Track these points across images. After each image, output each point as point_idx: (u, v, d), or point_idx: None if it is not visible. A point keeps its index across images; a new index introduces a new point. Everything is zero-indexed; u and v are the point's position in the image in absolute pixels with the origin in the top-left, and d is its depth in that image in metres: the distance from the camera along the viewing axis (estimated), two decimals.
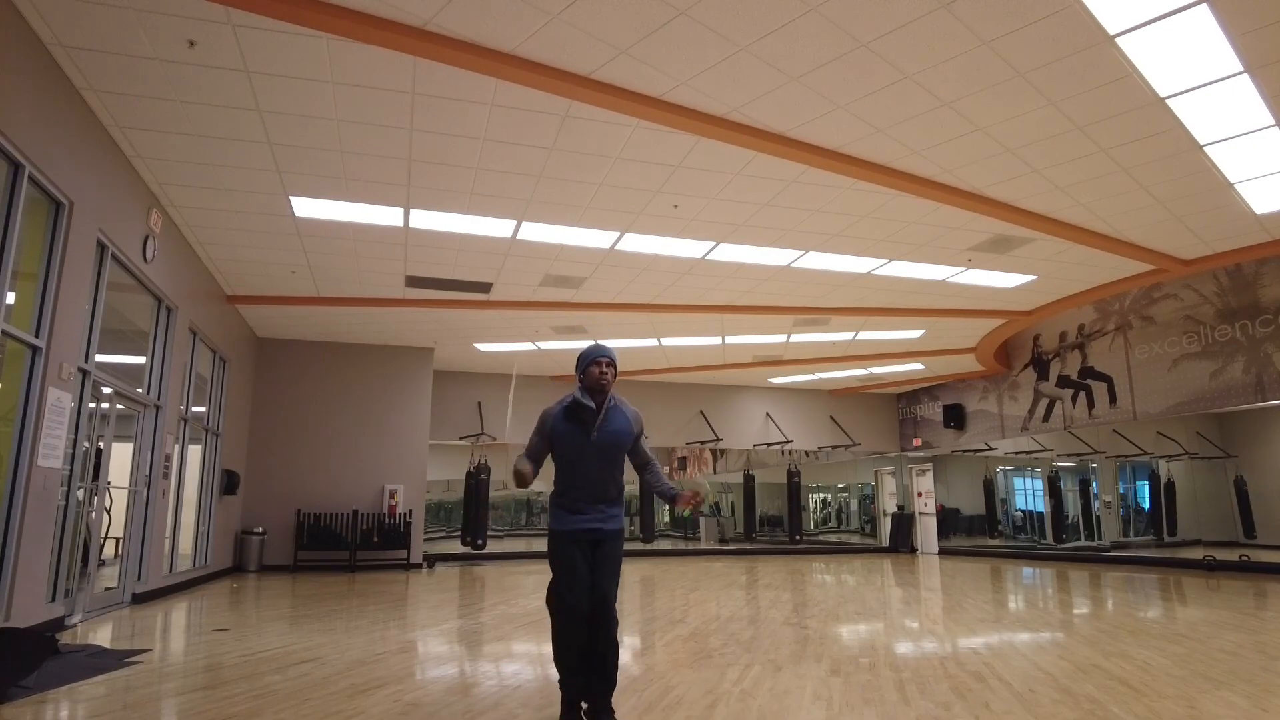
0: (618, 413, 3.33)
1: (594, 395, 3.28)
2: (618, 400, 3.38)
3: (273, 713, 3.41)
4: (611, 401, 3.33)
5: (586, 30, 4.64)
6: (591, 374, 3.28)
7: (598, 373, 3.27)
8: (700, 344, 12.81)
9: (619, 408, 3.35)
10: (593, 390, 3.28)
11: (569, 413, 3.28)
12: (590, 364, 3.30)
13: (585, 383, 3.30)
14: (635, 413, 3.41)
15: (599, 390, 3.28)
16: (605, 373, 3.28)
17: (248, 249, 8.30)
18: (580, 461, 3.27)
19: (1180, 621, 6.14)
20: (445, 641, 5.41)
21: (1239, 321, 10.52)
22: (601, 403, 3.29)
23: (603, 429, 3.27)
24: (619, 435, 3.31)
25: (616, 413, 3.33)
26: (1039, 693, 3.74)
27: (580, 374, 3.34)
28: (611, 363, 3.32)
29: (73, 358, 5.55)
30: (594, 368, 3.28)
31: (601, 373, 3.27)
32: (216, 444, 10.15)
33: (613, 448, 3.30)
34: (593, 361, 3.29)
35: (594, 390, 3.28)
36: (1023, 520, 15.63)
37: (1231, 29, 4.69)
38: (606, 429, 3.28)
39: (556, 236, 7.90)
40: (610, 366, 3.31)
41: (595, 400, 3.28)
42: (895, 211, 7.38)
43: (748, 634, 5.58)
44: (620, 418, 3.33)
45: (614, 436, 3.29)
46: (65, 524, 5.85)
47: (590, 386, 3.28)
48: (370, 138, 5.91)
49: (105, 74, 5.12)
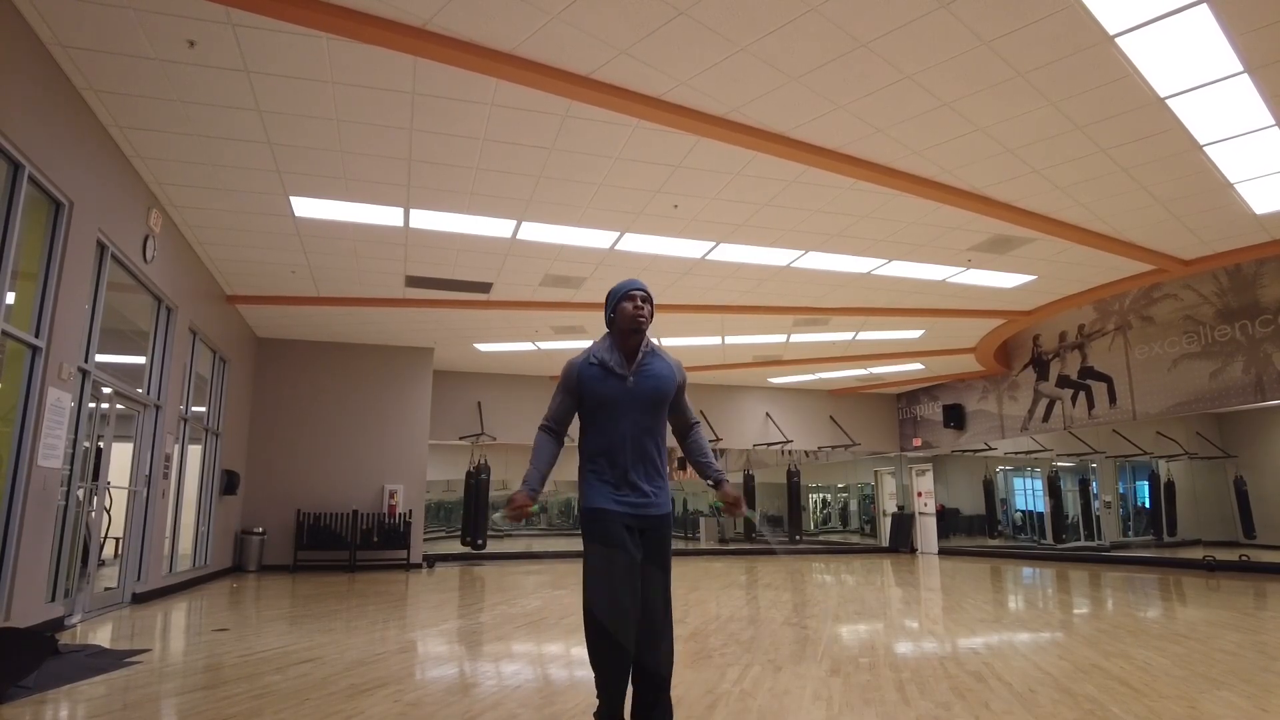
0: (656, 359, 2.86)
1: (629, 338, 2.81)
2: (655, 346, 2.91)
3: (273, 713, 3.41)
4: (648, 346, 2.86)
5: (586, 30, 4.64)
6: (625, 311, 2.79)
7: (632, 309, 2.78)
8: (700, 344, 12.81)
9: (657, 353, 2.88)
10: (627, 332, 2.80)
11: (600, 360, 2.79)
12: (623, 299, 2.81)
13: (618, 322, 2.81)
14: (676, 361, 2.93)
15: (635, 330, 2.79)
16: (641, 309, 2.80)
17: (248, 249, 8.30)
18: (616, 417, 2.75)
19: (1180, 621, 6.14)
20: (445, 641, 5.41)
21: (1239, 321, 10.52)
22: (638, 344, 2.82)
23: (641, 374, 2.78)
24: (661, 382, 2.81)
25: (655, 359, 2.85)
26: (1039, 693, 3.74)
27: (611, 312, 2.85)
28: (648, 298, 2.84)
29: (73, 358, 5.55)
30: (627, 303, 2.79)
31: (637, 308, 2.79)
32: (216, 444, 10.15)
33: (655, 396, 2.79)
34: (625, 295, 2.81)
35: (629, 331, 2.79)
36: (1022, 520, 15.63)
37: (1231, 29, 4.69)
38: (646, 373, 2.79)
39: (556, 236, 7.90)
40: (646, 302, 2.83)
41: (630, 343, 2.81)
42: (895, 211, 7.39)
43: (747, 634, 5.58)
44: (660, 363, 2.85)
45: (655, 382, 2.80)
46: (65, 524, 5.85)
47: (625, 327, 2.79)
48: (370, 138, 5.91)
49: (105, 74, 5.12)
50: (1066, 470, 14.46)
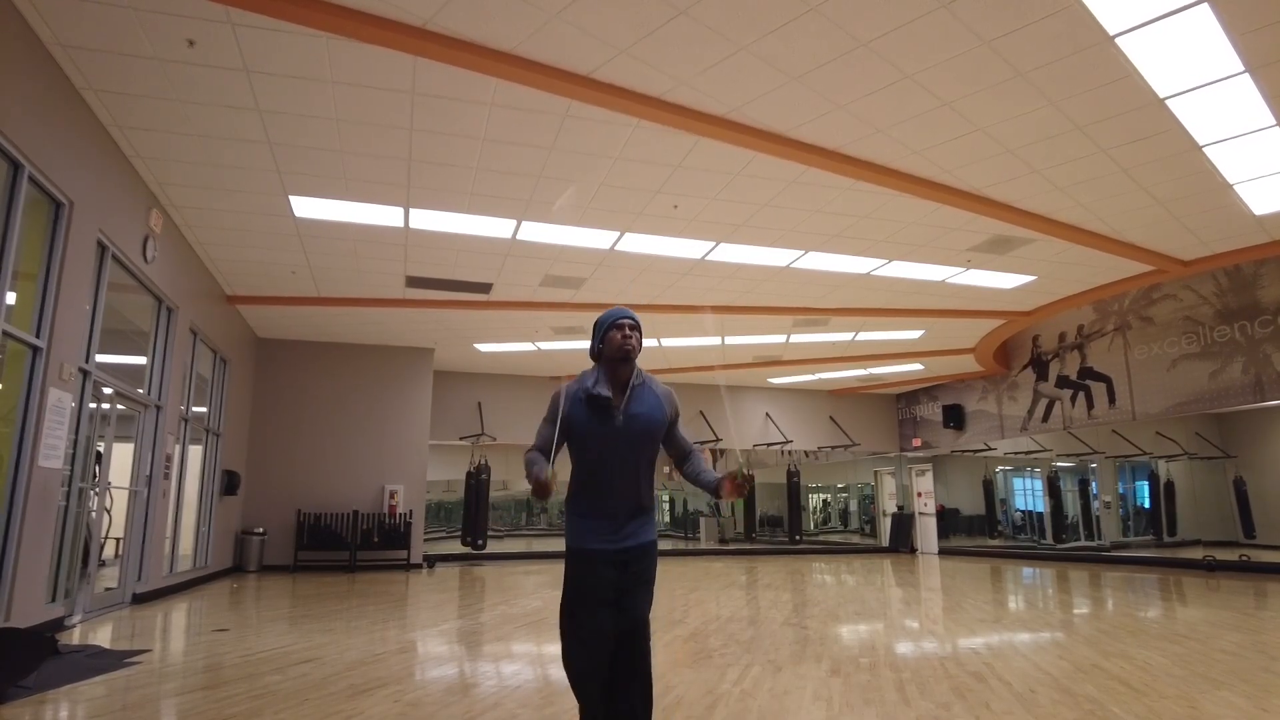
0: (647, 391, 2.72)
1: (618, 368, 2.70)
2: (646, 377, 2.76)
3: (273, 713, 3.41)
4: (639, 378, 2.72)
5: (586, 30, 4.64)
6: (613, 340, 2.69)
7: (620, 338, 2.68)
8: (700, 344, 12.81)
9: (648, 385, 2.74)
10: (616, 360, 2.69)
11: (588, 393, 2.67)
12: (611, 328, 2.71)
13: (606, 352, 2.72)
14: (667, 391, 2.80)
15: (624, 360, 2.69)
16: (630, 337, 2.69)
17: (248, 249, 8.30)
18: (603, 453, 2.65)
19: (1180, 621, 6.14)
20: (445, 641, 5.41)
21: (1238, 322, 10.53)
22: (627, 378, 2.70)
23: (630, 411, 2.66)
24: (651, 419, 2.69)
25: (645, 391, 2.72)
26: (1039, 693, 3.74)
27: (598, 343, 2.75)
28: (636, 325, 2.73)
29: (73, 358, 5.55)
30: (615, 332, 2.70)
31: (625, 337, 2.68)
32: (217, 444, 10.15)
33: (644, 435, 2.68)
34: (614, 324, 2.71)
35: (619, 361, 2.69)
36: (1022, 520, 15.63)
37: (1232, 29, 4.69)
38: (635, 411, 2.67)
39: (556, 237, 7.90)
40: (635, 330, 2.72)
41: (620, 374, 2.70)
42: (895, 212, 7.39)
43: (747, 634, 5.58)
44: (650, 396, 2.72)
45: (645, 421, 2.67)
46: (65, 524, 5.85)
47: (614, 356, 2.69)
48: (370, 138, 5.91)
49: (105, 74, 5.12)
50: (1066, 470, 14.46)
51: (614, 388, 2.71)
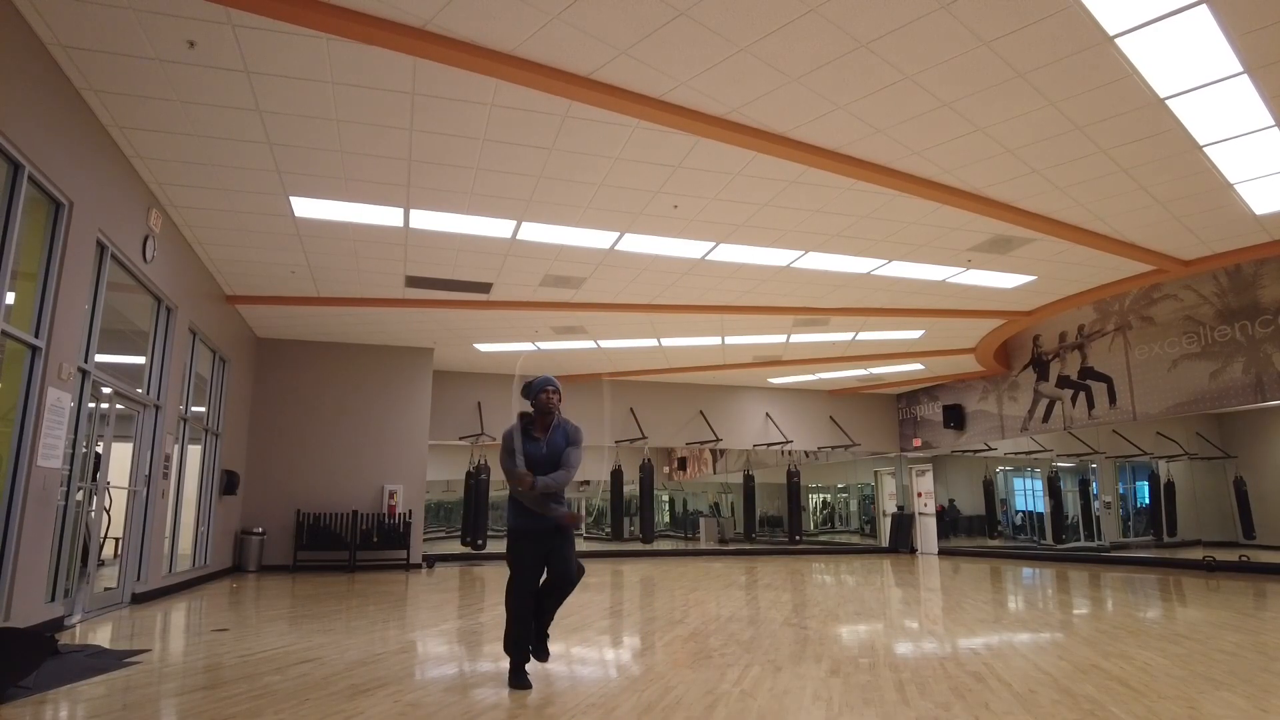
0: (559, 430, 4.19)
1: (544, 418, 4.15)
2: (560, 420, 4.22)
3: (273, 713, 3.41)
4: (557, 420, 4.19)
5: (586, 30, 4.64)
6: (541, 401, 4.15)
7: (545, 399, 4.15)
8: (700, 344, 12.81)
9: (561, 427, 4.20)
10: (543, 414, 4.15)
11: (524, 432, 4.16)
12: (539, 393, 4.16)
13: (536, 407, 4.15)
14: (575, 428, 4.24)
15: (547, 413, 4.15)
16: (551, 398, 4.16)
17: (248, 249, 8.30)
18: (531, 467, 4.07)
19: (1180, 622, 6.14)
20: (445, 641, 5.41)
21: (1239, 322, 10.52)
22: (549, 423, 4.17)
23: (551, 440, 4.16)
24: (559, 447, 4.18)
25: (558, 430, 4.18)
26: (1039, 693, 3.74)
27: (531, 400, 4.18)
28: (556, 390, 4.20)
29: (72, 358, 5.55)
30: (543, 395, 4.16)
31: (548, 398, 4.16)
32: (216, 444, 10.15)
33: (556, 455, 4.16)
34: (541, 390, 4.16)
35: (544, 413, 4.15)
36: (1022, 521, 15.63)
37: (1231, 29, 4.69)
38: (553, 440, 4.17)
39: (556, 237, 7.90)
40: (555, 393, 4.19)
41: (544, 420, 4.16)
42: (895, 212, 7.39)
43: (747, 634, 5.58)
44: (560, 433, 4.18)
45: (557, 448, 4.17)
46: (65, 524, 5.85)
47: (541, 410, 4.16)
48: (370, 138, 5.91)
49: (105, 74, 5.12)
50: (1066, 470, 14.46)
51: (541, 428, 4.19)
